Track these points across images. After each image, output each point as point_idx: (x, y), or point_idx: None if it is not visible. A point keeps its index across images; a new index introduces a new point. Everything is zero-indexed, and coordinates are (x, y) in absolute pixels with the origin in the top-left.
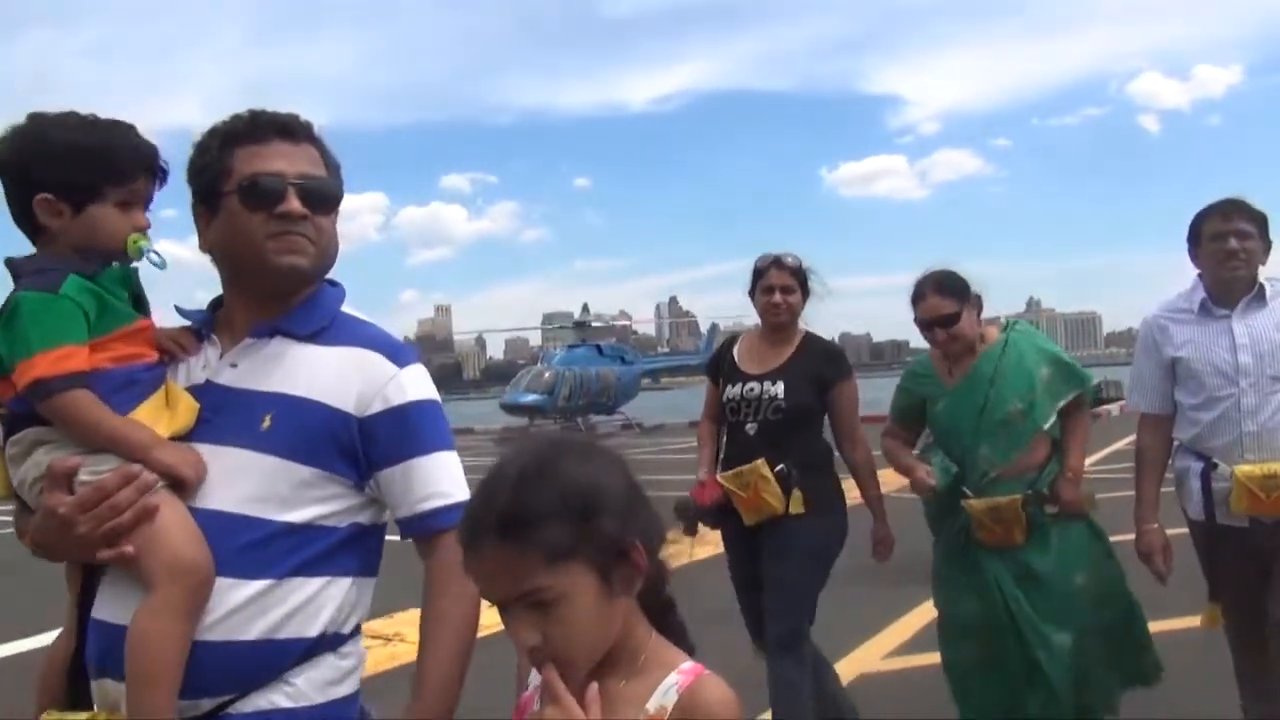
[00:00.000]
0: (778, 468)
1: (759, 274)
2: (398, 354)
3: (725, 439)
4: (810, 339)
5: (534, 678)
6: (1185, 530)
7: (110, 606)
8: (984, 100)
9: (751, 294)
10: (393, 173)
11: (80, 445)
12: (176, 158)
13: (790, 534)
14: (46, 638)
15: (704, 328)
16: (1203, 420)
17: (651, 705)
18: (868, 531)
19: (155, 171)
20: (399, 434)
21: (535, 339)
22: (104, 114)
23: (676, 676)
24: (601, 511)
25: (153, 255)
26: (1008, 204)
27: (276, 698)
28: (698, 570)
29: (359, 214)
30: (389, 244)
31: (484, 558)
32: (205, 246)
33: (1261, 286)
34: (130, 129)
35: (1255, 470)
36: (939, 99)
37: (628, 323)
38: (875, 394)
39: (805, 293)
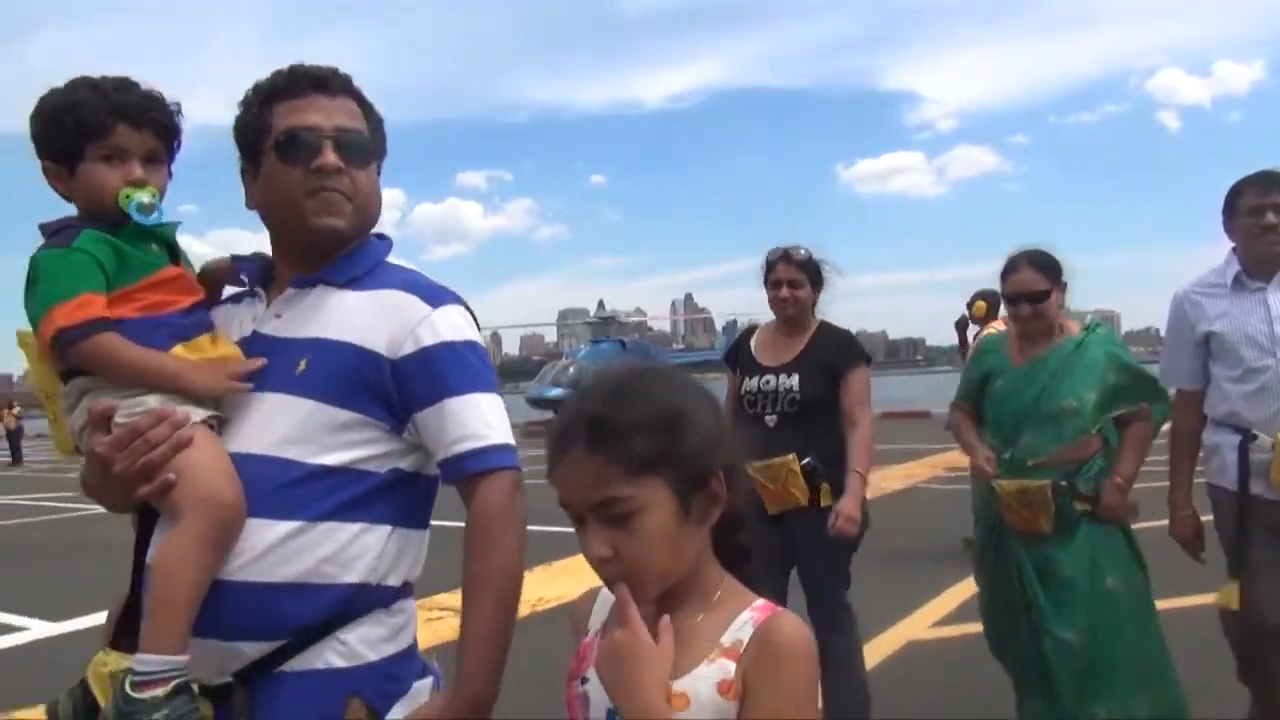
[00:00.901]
0: (804, 462)
1: (769, 267)
2: (432, 295)
3: (745, 431)
4: (824, 329)
5: (594, 621)
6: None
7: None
8: (1002, 97)
9: (765, 287)
10: (409, 170)
11: (122, 388)
12: (197, 154)
13: (819, 526)
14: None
15: (719, 324)
16: (1240, 393)
17: (726, 639)
18: (902, 516)
19: (142, 122)
20: (431, 375)
21: (551, 335)
22: None
23: (751, 613)
24: (688, 432)
25: (138, 206)
26: (1026, 201)
27: (329, 656)
28: None
29: None
30: (405, 240)
31: (570, 464)
32: (251, 204)
33: None
34: (114, 81)
35: None
36: (957, 95)
37: (643, 319)
38: (890, 392)
39: (818, 284)
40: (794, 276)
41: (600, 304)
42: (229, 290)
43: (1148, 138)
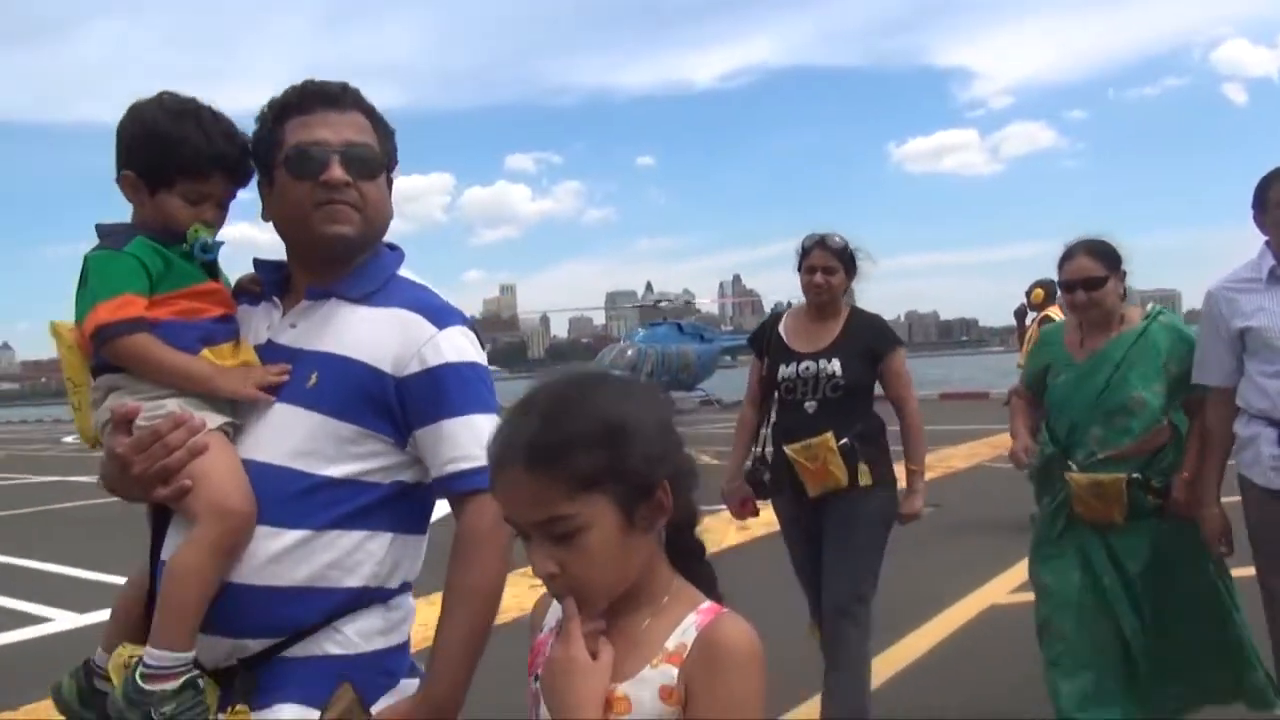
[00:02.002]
0: (841, 442)
1: (804, 253)
2: (439, 316)
3: (779, 415)
4: (856, 314)
5: (549, 619)
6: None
7: (173, 550)
8: (1058, 71)
9: (799, 272)
10: (458, 153)
11: (150, 388)
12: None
13: (855, 504)
14: None
15: (767, 306)
16: (1276, 388)
17: (670, 643)
18: (969, 493)
19: (236, 172)
20: (432, 395)
21: (599, 318)
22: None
23: (695, 616)
24: (630, 445)
25: (201, 246)
26: (1083, 178)
27: (327, 645)
28: (740, 552)
29: (425, 195)
30: (454, 224)
31: (510, 482)
32: (266, 216)
33: None
34: (220, 125)
35: None
36: (1011, 71)
37: (690, 300)
38: (943, 372)
39: (851, 272)
40: (829, 263)
41: (648, 286)
42: None
43: (1212, 111)
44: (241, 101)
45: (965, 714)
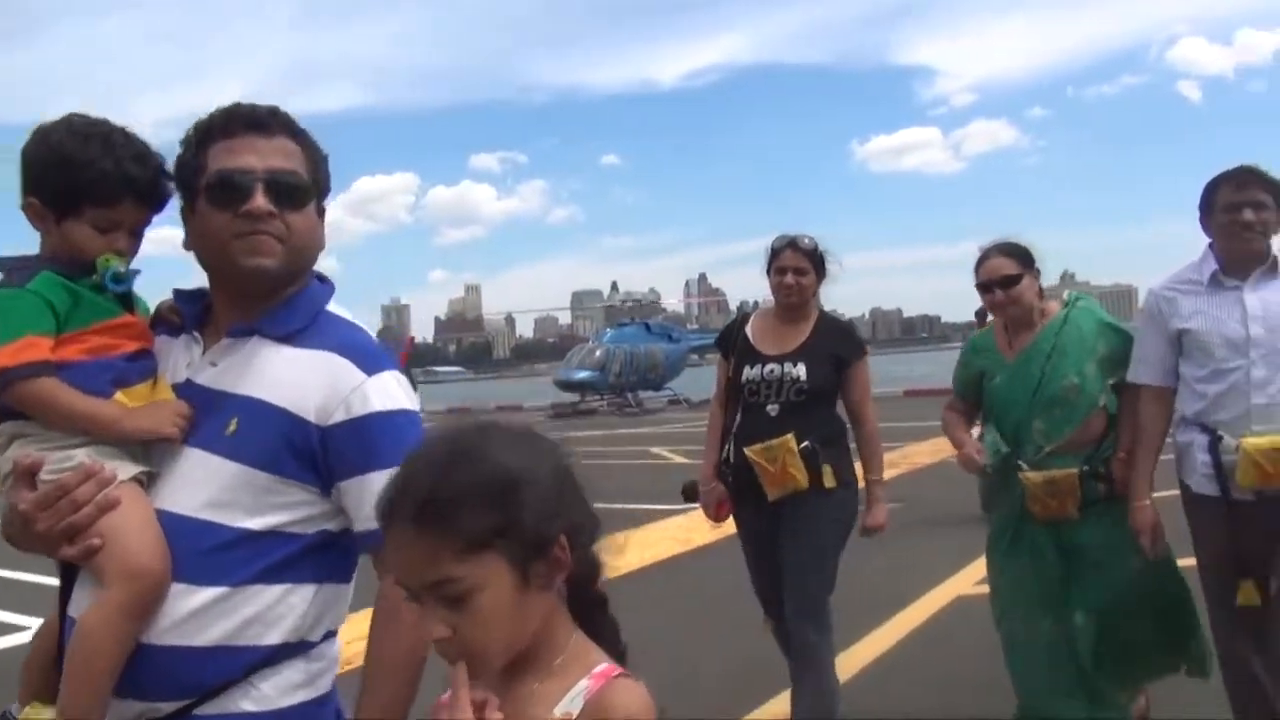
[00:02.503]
0: (802, 444)
1: (774, 254)
2: (368, 360)
3: (742, 418)
4: (825, 318)
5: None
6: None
7: (81, 605)
8: (1019, 70)
9: (767, 273)
10: (423, 153)
11: (60, 436)
12: None
13: (815, 506)
14: None
15: (733, 304)
16: (1210, 393)
17: (559, 710)
18: (934, 488)
19: (148, 198)
20: (358, 446)
21: (565, 318)
22: (146, 100)
23: (587, 681)
24: (523, 502)
25: (113, 277)
26: (1044, 176)
27: (243, 702)
28: (701, 556)
29: (390, 194)
30: (419, 224)
31: (397, 544)
32: (188, 246)
33: (1275, 258)
34: (131, 147)
35: (1263, 442)
36: (973, 70)
37: (656, 300)
38: (907, 369)
39: (821, 273)
40: (800, 264)
41: (614, 285)
42: None
43: (1169, 109)
44: (213, 100)
45: (934, 707)
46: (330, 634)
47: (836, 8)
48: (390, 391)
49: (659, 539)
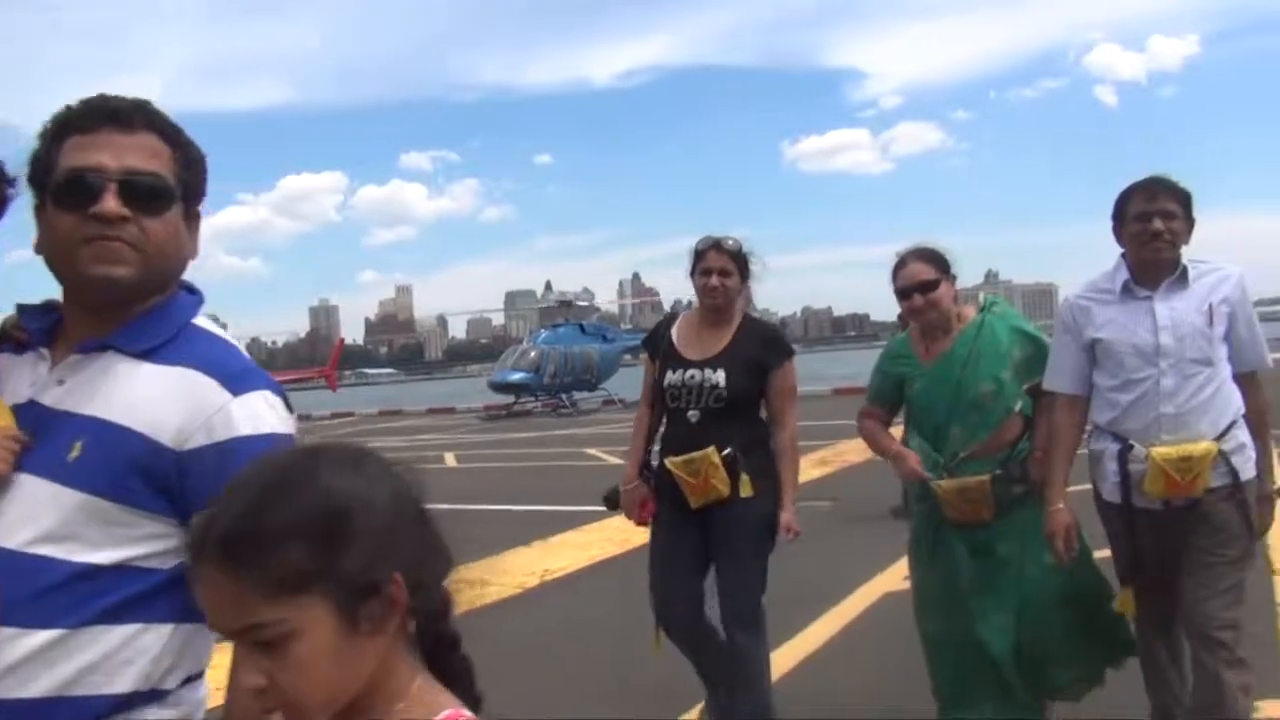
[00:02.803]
0: (724, 453)
1: (698, 256)
2: (234, 379)
3: (666, 423)
4: (749, 322)
5: None
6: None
7: None
8: (944, 74)
9: (691, 276)
10: (352, 151)
11: None
12: None
13: (740, 514)
14: None
15: (666, 303)
16: (1121, 402)
17: None
18: (864, 485)
19: None
20: (218, 474)
21: (498, 319)
22: (59, 98)
23: None
24: (349, 536)
25: None
26: (968, 176)
27: None
28: (638, 556)
29: (317, 194)
30: (348, 224)
31: (205, 580)
32: (38, 249)
33: (1184, 268)
34: None
35: (1171, 452)
36: (900, 73)
37: (589, 302)
38: (841, 368)
39: (745, 275)
40: (724, 265)
41: (548, 285)
42: None
43: (1085, 113)
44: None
45: (864, 701)
46: (193, 678)
47: (767, 10)
48: (258, 413)
49: (595, 540)
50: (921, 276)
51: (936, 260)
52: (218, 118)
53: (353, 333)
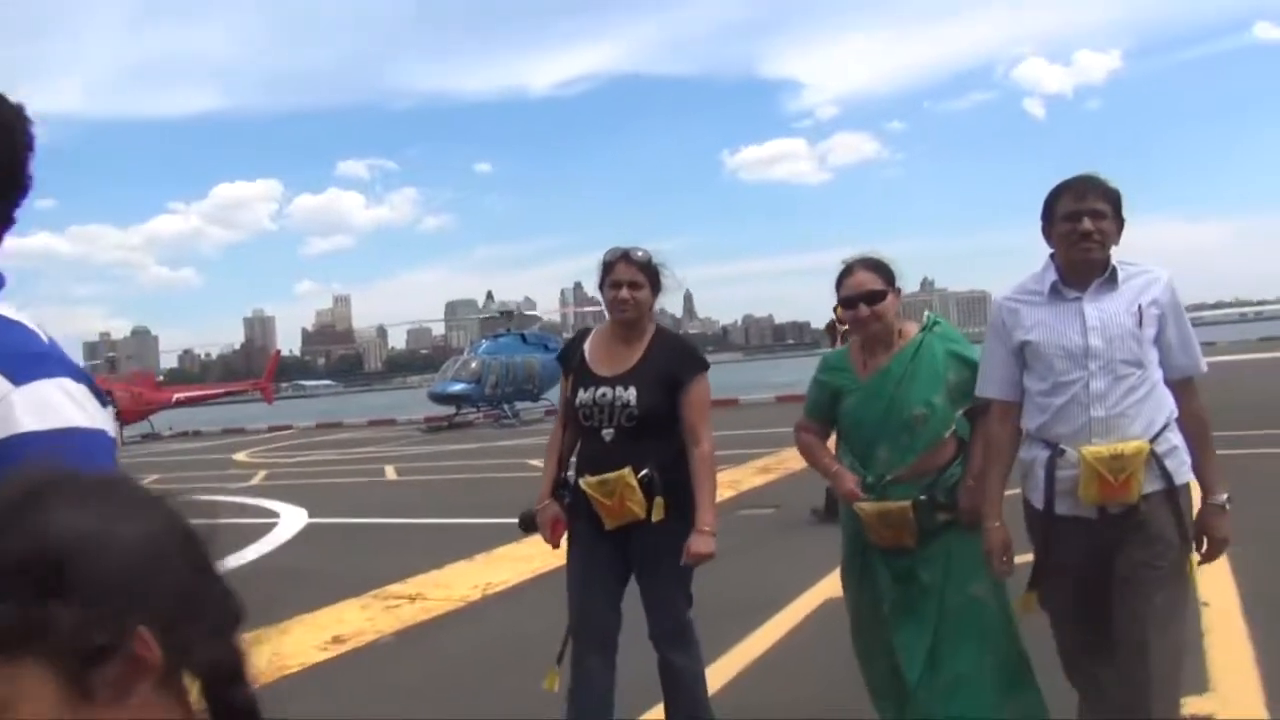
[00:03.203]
0: (641, 474)
1: (606, 268)
2: (22, 367)
3: (581, 442)
4: (662, 335)
5: None
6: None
7: None
8: (878, 85)
9: (600, 289)
10: (287, 159)
11: None
12: (58, 144)
13: (659, 535)
14: None
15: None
16: (1051, 406)
17: None
18: (805, 492)
19: None
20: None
21: (439, 329)
22: None
23: None
24: (70, 586)
25: None
26: (904, 186)
27: None
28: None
29: (251, 202)
30: (284, 233)
31: None
32: None
33: (1114, 268)
34: None
35: (1103, 450)
36: (836, 83)
37: (531, 311)
38: (782, 376)
39: (656, 288)
40: (634, 277)
41: (489, 295)
42: None
43: (1015, 124)
44: (51, 101)
45: (806, 708)
46: None
47: (704, 21)
48: (50, 404)
49: (536, 553)
50: (869, 286)
51: (883, 271)
52: (145, 123)
53: (289, 344)
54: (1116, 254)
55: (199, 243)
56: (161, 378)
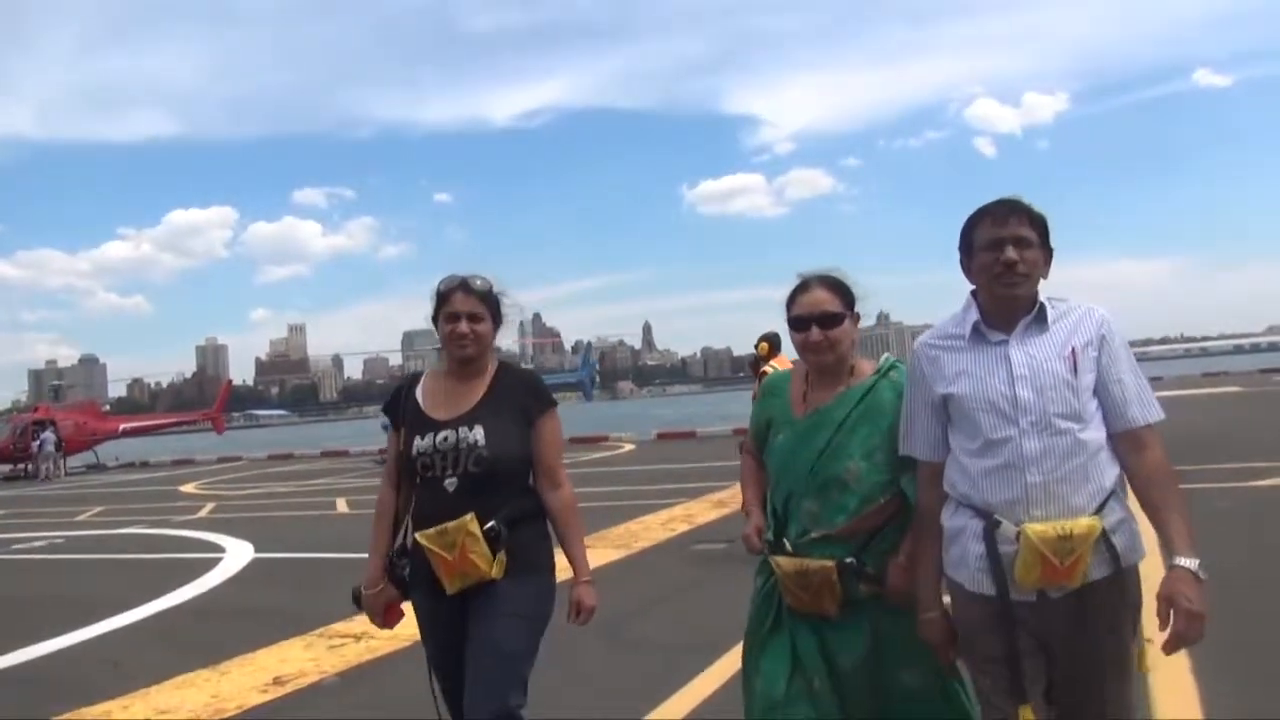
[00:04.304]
0: (487, 525)
1: (442, 299)
2: None
3: (418, 498)
4: (506, 371)
5: None
6: None
7: None
8: (834, 122)
9: (434, 322)
10: (242, 186)
11: None
12: (6, 166)
13: (498, 599)
14: None
15: (568, 344)
16: (980, 469)
17: None
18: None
19: None
20: None
21: (396, 359)
22: None
23: None
24: None
25: None
26: (859, 221)
27: None
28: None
29: (206, 229)
30: (238, 261)
31: None
32: None
33: (1042, 306)
34: None
35: (1048, 530)
36: (793, 120)
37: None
38: (739, 407)
39: (498, 320)
40: (474, 309)
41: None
42: None
43: (967, 162)
44: (4, 122)
45: None
46: None
47: (665, 56)
48: None
49: None
50: (825, 307)
51: (843, 292)
52: (98, 147)
53: (243, 373)
54: (1046, 289)
55: (150, 269)
56: (108, 407)
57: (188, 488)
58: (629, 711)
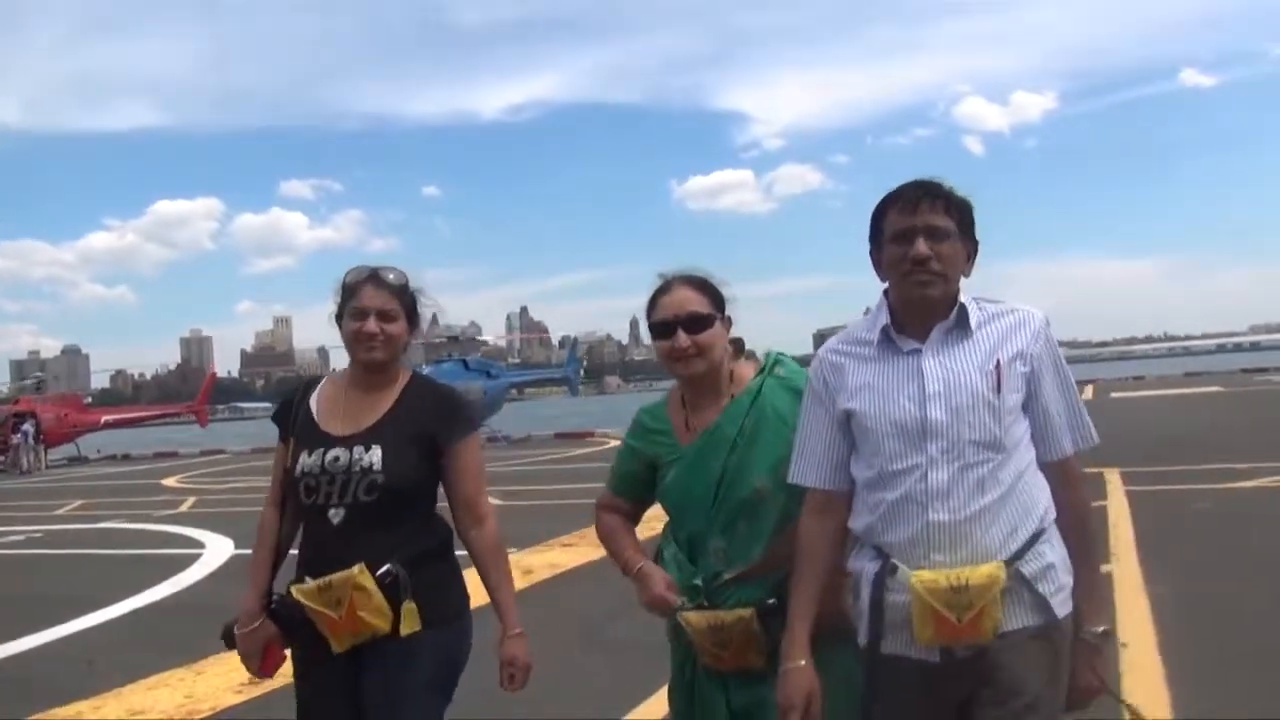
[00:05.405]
0: (381, 570)
1: (349, 292)
2: None
3: (303, 529)
4: (417, 383)
5: None
6: None
7: None
8: (824, 118)
9: (338, 320)
10: (229, 178)
11: None
12: None
13: (401, 659)
14: None
15: (555, 339)
16: (879, 503)
17: None
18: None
19: None
20: None
21: None
22: None
23: None
24: None
25: None
26: (848, 216)
27: None
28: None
29: (191, 220)
30: (224, 252)
31: None
32: None
33: (963, 308)
34: None
35: (939, 580)
36: (782, 116)
37: (476, 336)
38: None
39: (413, 320)
40: (386, 305)
41: (434, 319)
42: None
43: (955, 160)
44: None
45: None
46: None
47: (655, 52)
48: None
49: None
50: (691, 307)
51: (710, 292)
52: (83, 138)
53: (228, 365)
54: (970, 288)
55: (135, 260)
56: (89, 399)
57: (170, 481)
58: (609, 711)
